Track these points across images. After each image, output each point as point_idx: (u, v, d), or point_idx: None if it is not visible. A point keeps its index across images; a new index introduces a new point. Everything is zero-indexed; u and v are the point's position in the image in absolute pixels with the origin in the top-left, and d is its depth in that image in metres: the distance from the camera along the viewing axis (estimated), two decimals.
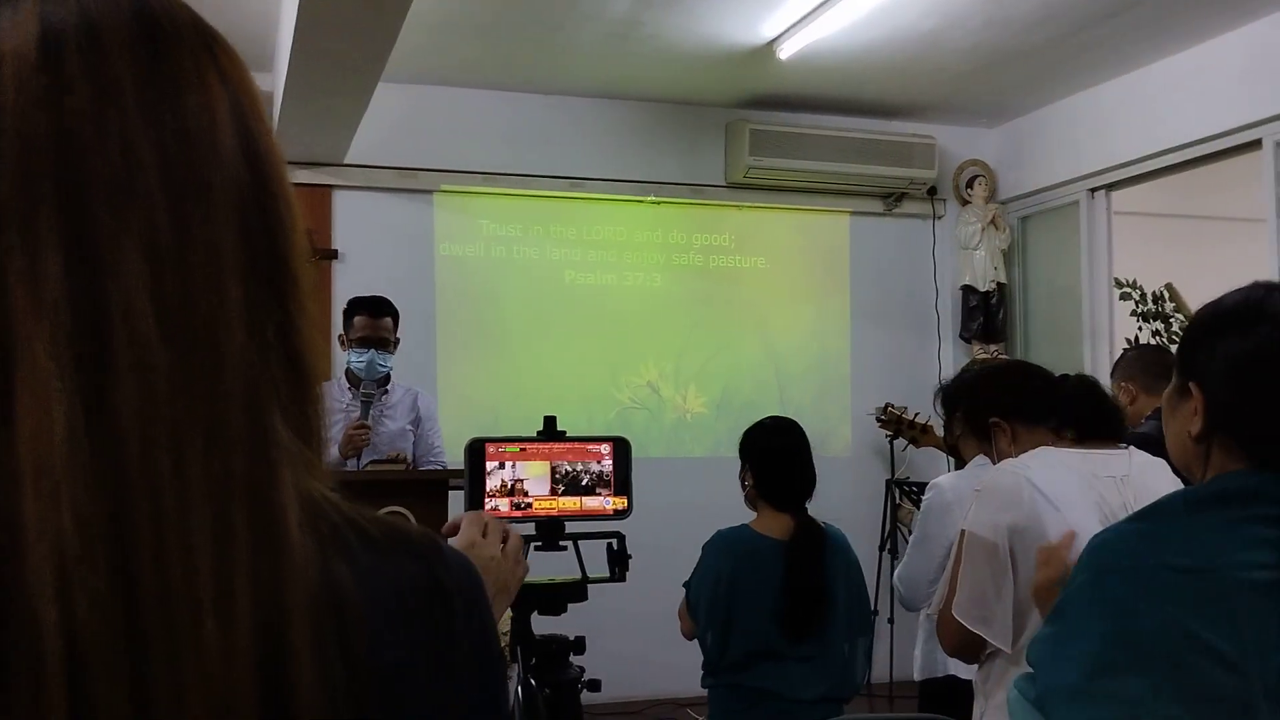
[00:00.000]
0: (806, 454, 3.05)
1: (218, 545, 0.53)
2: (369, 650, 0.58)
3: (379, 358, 4.04)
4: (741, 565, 2.95)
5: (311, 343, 0.63)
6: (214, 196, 0.58)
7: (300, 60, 4.09)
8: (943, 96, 6.00)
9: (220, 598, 0.53)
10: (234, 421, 0.55)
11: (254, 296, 0.58)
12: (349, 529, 0.61)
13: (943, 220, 6.52)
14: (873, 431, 6.04)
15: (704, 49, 5.27)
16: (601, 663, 3.37)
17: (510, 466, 3.22)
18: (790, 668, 2.93)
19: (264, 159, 0.62)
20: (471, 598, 0.66)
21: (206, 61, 0.61)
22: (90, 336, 0.53)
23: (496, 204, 5.83)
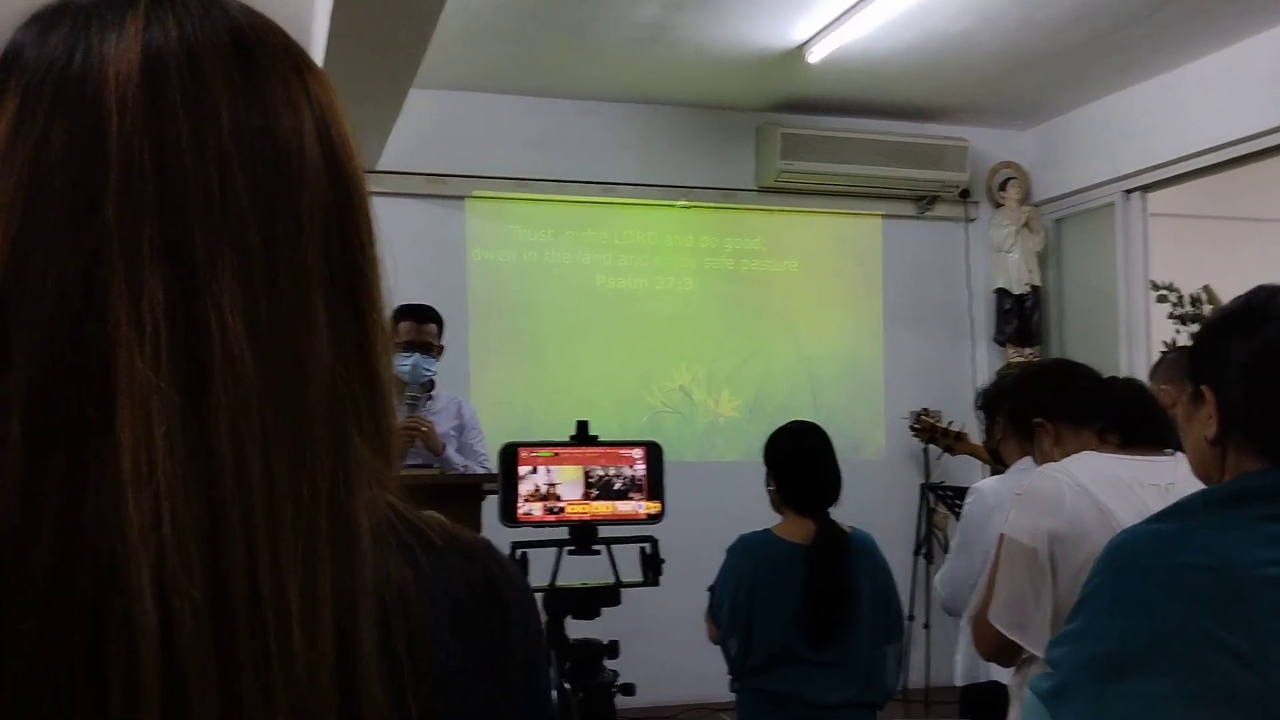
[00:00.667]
0: (830, 458, 3.03)
1: (305, 558, 0.55)
2: (431, 653, 0.60)
3: (423, 362, 4.09)
4: (762, 569, 2.93)
5: (387, 361, 0.64)
6: (302, 219, 0.60)
7: (333, 68, 4.11)
8: (975, 98, 5.96)
9: (306, 609, 0.55)
10: (319, 437, 0.57)
11: (337, 316, 0.60)
12: (413, 535, 0.63)
13: (976, 223, 6.47)
14: (907, 436, 6.01)
15: (733, 53, 5.26)
16: (635, 667, 3.36)
17: (543, 471, 3.22)
18: (814, 671, 2.91)
19: (349, 180, 0.64)
20: (525, 601, 0.68)
21: (297, 85, 0.62)
22: (188, 353, 0.55)
23: (528, 209, 5.85)
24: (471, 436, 4.28)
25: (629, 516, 3.26)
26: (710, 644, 3.16)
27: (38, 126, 0.57)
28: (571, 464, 3.23)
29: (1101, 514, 2.02)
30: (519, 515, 3.19)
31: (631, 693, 3.21)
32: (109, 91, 0.57)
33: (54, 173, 0.56)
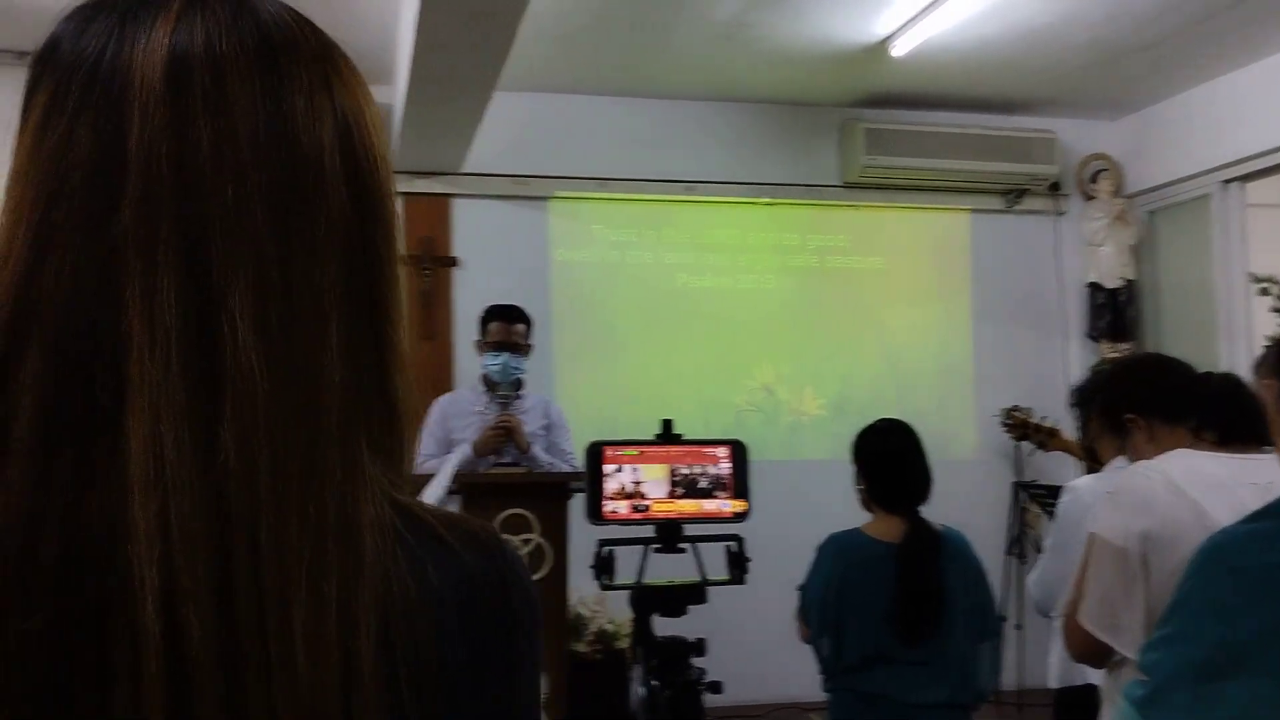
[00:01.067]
0: (918, 455, 2.99)
1: (310, 571, 0.55)
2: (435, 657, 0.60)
3: (512, 361, 4.16)
4: (852, 569, 2.91)
5: (404, 374, 0.64)
6: (319, 233, 0.59)
7: (419, 73, 4.19)
8: (1062, 90, 5.84)
9: (311, 621, 0.55)
10: (327, 452, 0.57)
11: (352, 330, 0.60)
12: (422, 535, 0.62)
13: (1066, 216, 6.34)
14: (998, 433, 5.91)
15: (815, 49, 5.23)
16: (722, 665, 3.36)
17: (629, 469, 3.24)
18: (906, 671, 2.88)
19: (371, 193, 0.63)
20: (529, 593, 0.68)
21: (322, 96, 0.62)
22: (199, 361, 0.55)
23: (610, 209, 5.88)
24: (559, 436, 4.33)
25: (714, 515, 3.26)
26: (798, 643, 3.14)
27: (64, 122, 0.58)
28: (656, 462, 3.24)
29: (1197, 514, 1.97)
30: (605, 513, 3.21)
31: (719, 690, 3.21)
32: (134, 94, 0.57)
33: (76, 170, 0.57)
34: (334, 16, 5.11)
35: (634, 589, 3.19)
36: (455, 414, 4.29)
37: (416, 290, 5.57)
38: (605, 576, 3.18)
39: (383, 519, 0.60)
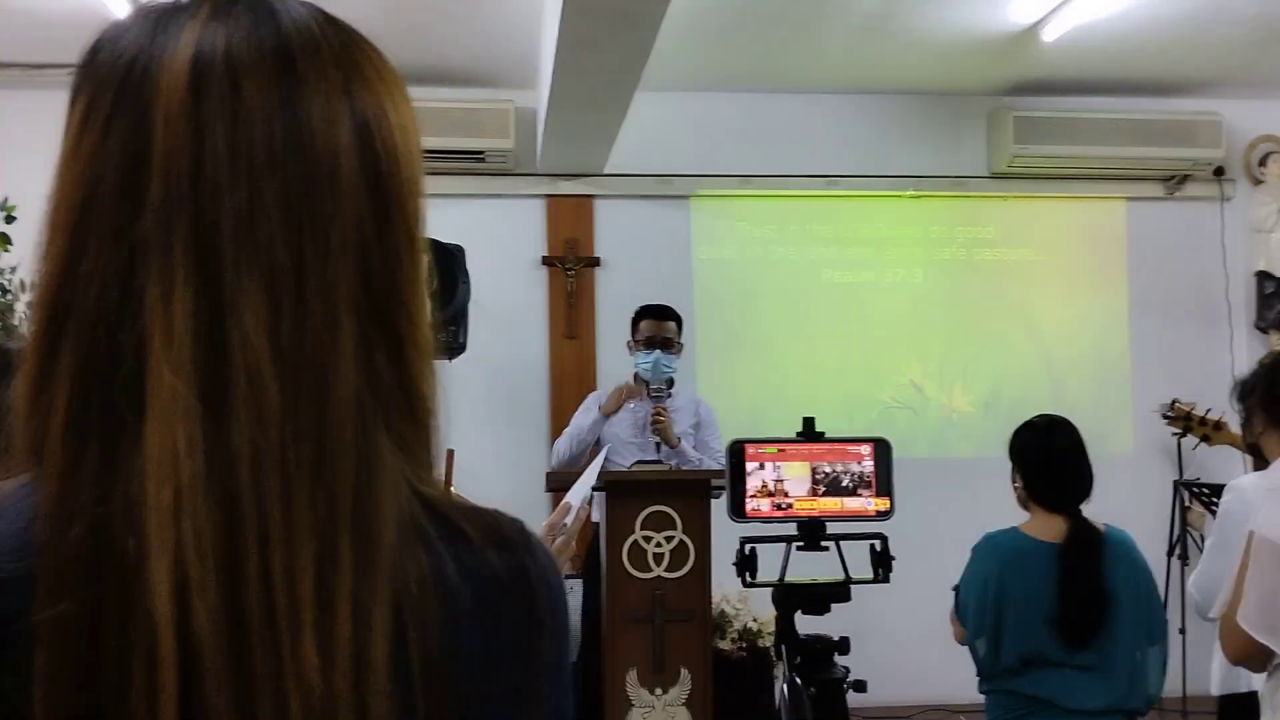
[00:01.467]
0: (1080, 452, 2.91)
1: (320, 568, 0.57)
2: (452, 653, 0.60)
3: (664, 359, 4.24)
4: (1010, 568, 2.84)
5: (426, 370, 0.65)
6: (333, 237, 0.61)
7: (561, 76, 4.26)
8: (1227, 70, 5.57)
9: (321, 616, 0.56)
10: (340, 451, 0.59)
11: (367, 330, 0.61)
12: (445, 530, 0.63)
13: (1232, 202, 6.05)
14: (1157, 430, 5.68)
15: (961, 37, 5.11)
16: (867, 664, 3.34)
17: (770, 467, 3.24)
18: (1069, 676, 2.80)
19: (392, 196, 0.64)
20: (554, 589, 0.67)
21: (339, 100, 0.63)
22: (212, 366, 0.57)
23: (752, 206, 5.87)
24: (708, 434, 4.38)
25: (857, 513, 3.24)
26: (947, 643, 3.09)
27: (98, 129, 0.61)
28: (798, 460, 3.24)
29: None
30: (747, 511, 3.22)
31: (863, 690, 3.19)
32: (160, 101, 0.60)
33: (107, 176, 0.60)
34: (479, 24, 5.23)
35: (777, 587, 3.19)
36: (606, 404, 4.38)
37: (561, 291, 5.66)
38: (748, 574, 3.18)
39: (404, 513, 0.61)
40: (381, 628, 0.58)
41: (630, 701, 3.58)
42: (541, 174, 5.61)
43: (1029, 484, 2.92)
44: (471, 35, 4.90)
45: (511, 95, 5.44)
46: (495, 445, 5.47)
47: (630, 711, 3.58)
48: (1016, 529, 2.92)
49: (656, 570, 3.61)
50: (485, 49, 5.07)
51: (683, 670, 3.59)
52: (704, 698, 3.61)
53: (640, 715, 3.57)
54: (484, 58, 5.17)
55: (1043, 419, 3.01)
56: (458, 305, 4.56)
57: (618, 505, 3.65)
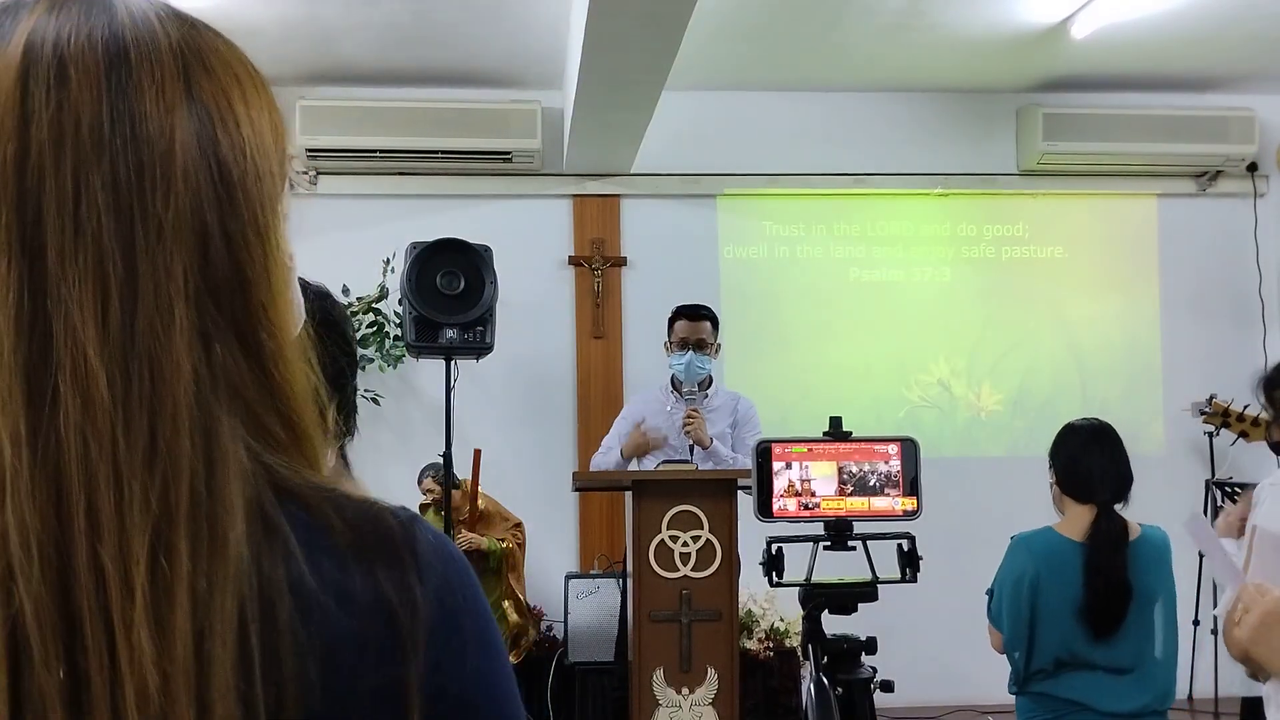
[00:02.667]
0: (1117, 453, 2.91)
1: (154, 557, 0.56)
2: (308, 637, 0.59)
3: (697, 360, 4.23)
4: (1042, 566, 2.82)
5: (287, 360, 0.64)
6: (165, 224, 0.60)
7: (588, 76, 4.27)
8: (1260, 65, 5.51)
9: (156, 608, 0.55)
10: (175, 440, 0.58)
11: (207, 320, 0.60)
12: (313, 537, 0.61)
13: (1265, 198, 5.99)
14: (1189, 428, 5.62)
15: (990, 34, 5.08)
16: (895, 665, 3.33)
17: (797, 467, 3.24)
18: (1102, 678, 2.78)
19: (237, 186, 0.63)
20: (451, 604, 0.64)
21: (175, 91, 0.62)
22: (37, 355, 0.57)
23: (779, 205, 5.86)
24: (746, 431, 4.36)
25: (884, 513, 3.22)
26: (974, 644, 3.09)
27: None
28: (825, 460, 3.23)
29: None
30: (774, 510, 3.21)
31: (890, 690, 3.18)
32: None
33: None
34: (505, 25, 5.23)
35: (804, 586, 3.19)
36: (647, 414, 4.37)
37: (588, 290, 5.67)
38: (774, 574, 3.18)
39: (256, 508, 0.60)
40: (225, 621, 0.57)
41: (657, 701, 3.59)
42: (568, 174, 5.62)
43: (1062, 480, 2.91)
44: (498, 36, 4.92)
45: (538, 96, 5.46)
46: (522, 444, 5.49)
47: (657, 711, 3.58)
48: (1049, 528, 2.91)
49: (683, 570, 3.61)
50: (512, 50, 5.08)
51: (709, 670, 3.60)
52: (730, 697, 3.61)
53: (667, 715, 3.58)
54: (510, 59, 5.19)
55: (1085, 422, 3.00)
56: (485, 305, 4.58)
57: (644, 505, 3.66)
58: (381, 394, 5.40)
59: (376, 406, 5.39)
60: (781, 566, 3.19)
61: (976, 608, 3.13)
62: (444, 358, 4.64)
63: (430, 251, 4.60)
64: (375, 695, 0.61)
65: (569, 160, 5.44)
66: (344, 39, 4.96)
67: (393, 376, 5.45)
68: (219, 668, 0.56)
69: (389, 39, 4.98)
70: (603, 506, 5.50)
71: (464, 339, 4.58)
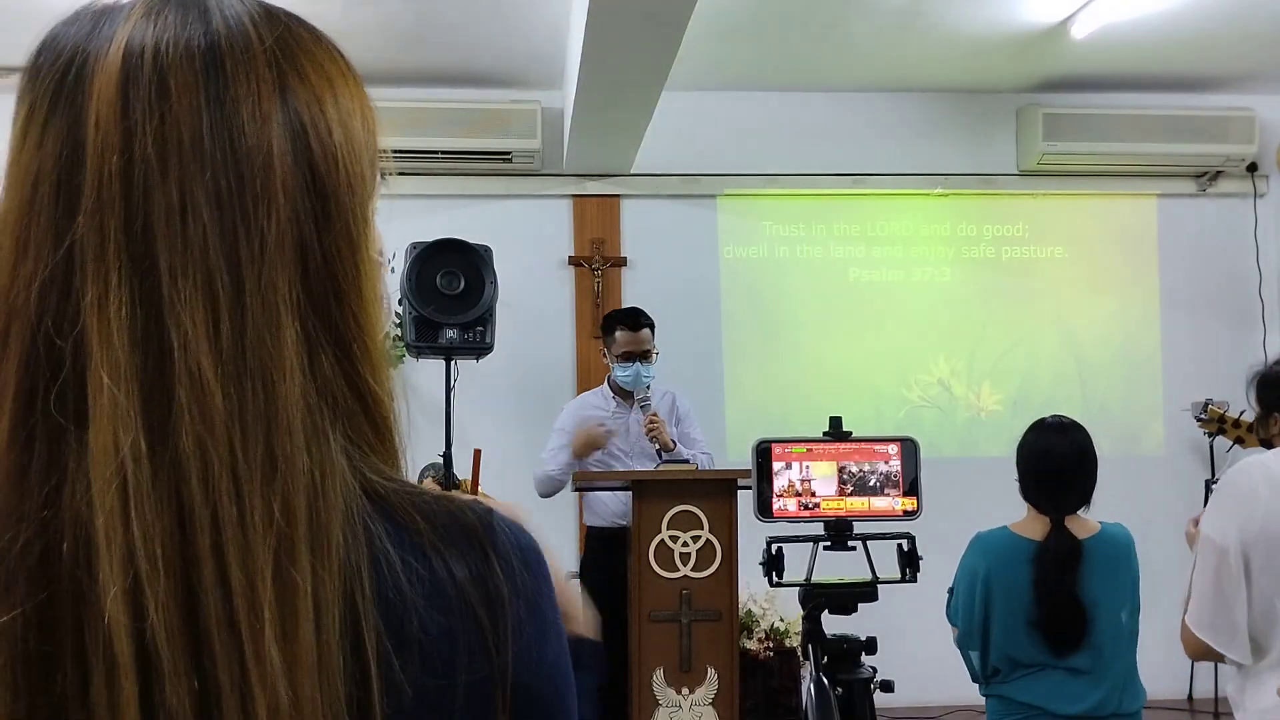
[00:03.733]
0: (1081, 459, 2.83)
1: (279, 570, 0.57)
2: (408, 637, 0.60)
3: (644, 370, 4.23)
4: (996, 565, 2.81)
5: (376, 367, 0.65)
6: (269, 238, 0.60)
7: (588, 76, 4.27)
8: (1260, 65, 5.51)
9: (283, 620, 0.56)
10: (292, 451, 0.58)
11: (310, 331, 0.61)
12: (397, 528, 0.62)
13: (1265, 198, 5.99)
14: (1189, 428, 5.62)
15: (990, 34, 5.08)
16: (895, 665, 3.33)
17: (797, 467, 3.24)
18: (1060, 679, 2.76)
19: (332, 194, 0.63)
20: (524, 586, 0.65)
21: (270, 98, 0.62)
22: (154, 370, 0.57)
23: (779, 205, 5.86)
24: (689, 426, 4.38)
25: (885, 513, 3.23)
26: None
27: (38, 131, 0.60)
28: (825, 460, 3.23)
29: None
30: (774, 510, 3.21)
31: (890, 690, 3.18)
32: (92, 102, 0.60)
33: (45, 178, 0.59)
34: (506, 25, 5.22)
35: (804, 586, 3.19)
36: (584, 419, 4.35)
37: (588, 290, 5.67)
38: (774, 574, 3.18)
39: (351, 513, 0.61)
40: (340, 629, 0.58)
41: (657, 701, 3.59)
42: (568, 174, 5.62)
43: (1021, 482, 2.89)
44: (498, 36, 4.92)
45: (538, 96, 5.46)
46: (522, 444, 5.47)
47: (657, 711, 3.59)
48: (1006, 527, 2.90)
49: (683, 570, 3.61)
50: (512, 50, 5.08)
51: (709, 670, 3.60)
52: (730, 697, 3.61)
53: (667, 714, 3.58)
54: (511, 59, 5.19)
55: (1053, 420, 2.95)
56: (485, 305, 4.58)
57: (645, 505, 3.66)
58: None
59: None
60: (781, 566, 3.19)
61: None
62: (444, 358, 4.63)
63: (430, 251, 4.60)
64: (470, 690, 0.62)
65: (569, 160, 5.44)
66: (344, 38, 4.89)
67: (392, 376, 5.44)
68: (341, 676, 0.57)
69: (389, 39, 4.98)
70: None
71: (464, 339, 4.58)
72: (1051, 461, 2.85)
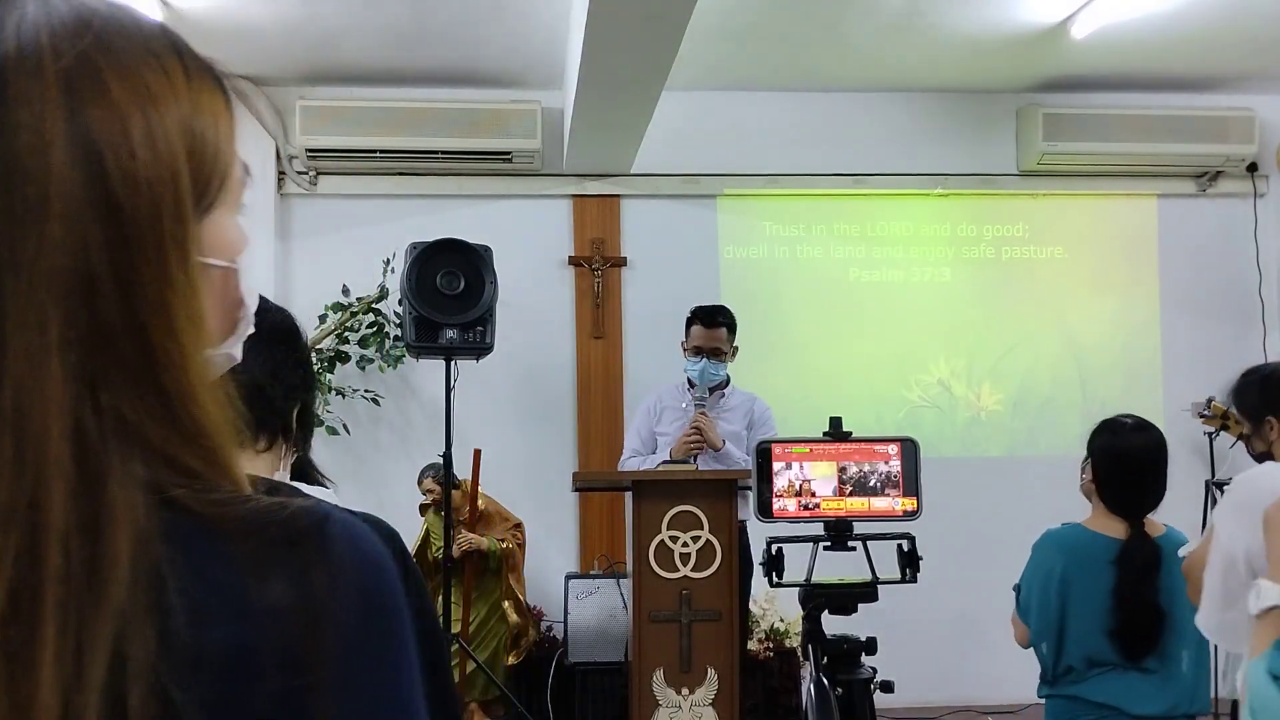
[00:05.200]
0: (1158, 462, 2.82)
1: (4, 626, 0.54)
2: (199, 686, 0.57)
3: (711, 366, 4.25)
4: (1073, 564, 2.79)
5: (195, 398, 0.61)
6: (37, 274, 0.57)
7: (588, 76, 4.27)
8: (1260, 65, 5.51)
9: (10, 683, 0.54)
10: (45, 498, 0.56)
11: (92, 366, 0.58)
12: (211, 547, 0.60)
13: (1265, 198, 5.99)
14: (1188, 428, 5.62)
15: (990, 34, 5.09)
16: (895, 665, 3.33)
17: (797, 467, 3.24)
18: (1132, 680, 2.76)
19: (127, 216, 0.59)
20: (365, 606, 0.62)
21: (55, 114, 0.58)
22: None
23: (779, 205, 5.86)
24: (761, 433, 4.36)
25: (885, 513, 3.23)
26: (974, 644, 3.08)
27: None
28: (825, 460, 3.23)
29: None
30: (774, 511, 3.22)
31: (890, 690, 3.18)
32: None
33: None
34: (505, 26, 5.22)
35: (804, 587, 3.19)
36: (663, 408, 4.39)
37: (588, 291, 5.67)
38: (774, 574, 3.18)
39: (143, 546, 0.57)
40: (95, 684, 0.55)
41: (657, 701, 3.59)
42: (568, 174, 5.62)
43: (1098, 483, 2.86)
44: (498, 37, 4.92)
45: (538, 96, 5.46)
46: (522, 445, 5.49)
47: (657, 711, 3.58)
48: (1079, 524, 2.87)
49: (683, 570, 3.61)
50: (512, 50, 5.08)
51: (709, 670, 3.60)
52: (731, 698, 3.61)
53: (667, 715, 3.58)
54: (510, 59, 5.19)
55: (1131, 420, 2.91)
56: (485, 306, 4.58)
57: (645, 505, 3.66)
58: (381, 394, 5.40)
59: (376, 407, 5.39)
60: (781, 567, 3.19)
61: (976, 608, 3.14)
62: (444, 358, 4.64)
63: (430, 252, 4.60)
64: (276, 702, 0.58)
65: (569, 160, 5.45)
66: (344, 39, 4.96)
67: (393, 377, 5.45)
68: (91, 690, 0.54)
69: (389, 39, 4.98)
70: (603, 507, 5.50)
71: (464, 339, 4.58)
72: (1134, 464, 2.82)
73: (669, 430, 4.30)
